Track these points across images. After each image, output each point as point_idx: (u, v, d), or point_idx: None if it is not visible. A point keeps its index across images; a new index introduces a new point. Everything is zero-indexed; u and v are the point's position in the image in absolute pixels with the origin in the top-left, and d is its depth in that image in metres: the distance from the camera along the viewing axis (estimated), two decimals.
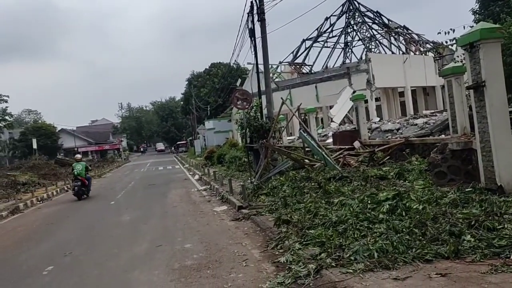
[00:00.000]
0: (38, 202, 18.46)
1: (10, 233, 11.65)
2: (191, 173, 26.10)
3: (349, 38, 39.33)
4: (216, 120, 48.30)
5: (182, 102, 74.86)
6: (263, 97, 16.23)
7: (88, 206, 15.76)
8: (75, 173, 17.89)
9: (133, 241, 8.81)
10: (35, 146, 43.22)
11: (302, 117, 25.12)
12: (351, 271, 5.01)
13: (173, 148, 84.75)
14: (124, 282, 6.13)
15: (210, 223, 9.80)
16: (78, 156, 20.19)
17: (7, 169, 36.13)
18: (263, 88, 16.46)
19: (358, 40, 38.98)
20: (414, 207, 6.59)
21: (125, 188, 21.02)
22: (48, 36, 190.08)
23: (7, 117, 58.96)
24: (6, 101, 57.42)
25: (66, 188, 23.64)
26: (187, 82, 67.09)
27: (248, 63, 29.47)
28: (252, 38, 16.03)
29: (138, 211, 13.15)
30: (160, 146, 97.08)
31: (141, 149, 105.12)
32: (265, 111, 16.10)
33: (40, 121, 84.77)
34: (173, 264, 6.63)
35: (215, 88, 54.09)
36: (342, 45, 39.02)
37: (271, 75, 19.89)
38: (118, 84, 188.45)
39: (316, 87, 29.09)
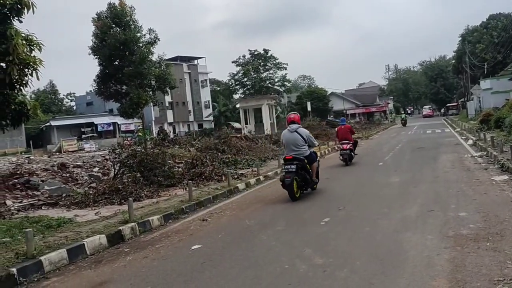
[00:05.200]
0: None
1: None
2: (463, 137, 24.14)
3: None
4: (494, 79, 42.76)
5: (453, 61, 69.52)
6: None
7: (357, 166, 16.56)
8: (403, 117, 52.79)
9: (403, 203, 8.87)
10: (309, 108, 48.07)
11: None
12: None
13: (442, 111, 79.60)
14: (396, 242, 6.22)
15: (488, 192, 8.95)
16: (403, 112, 66.70)
17: None
18: None
19: None
20: None
21: (392, 150, 21.11)
22: (321, 4, 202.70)
23: (286, 83, 67.33)
24: (286, 68, 65.71)
25: (336, 148, 25.37)
26: (460, 39, 61.99)
27: None
28: None
29: (406, 173, 13.08)
30: (426, 110, 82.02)
31: (408, 112, 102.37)
32: None
33: (313, 86, 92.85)
34: (446, 231, 6.38)
35: (494, 43, 47.97)
36: None
37: None
38: (386, 47, 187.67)
39: None
